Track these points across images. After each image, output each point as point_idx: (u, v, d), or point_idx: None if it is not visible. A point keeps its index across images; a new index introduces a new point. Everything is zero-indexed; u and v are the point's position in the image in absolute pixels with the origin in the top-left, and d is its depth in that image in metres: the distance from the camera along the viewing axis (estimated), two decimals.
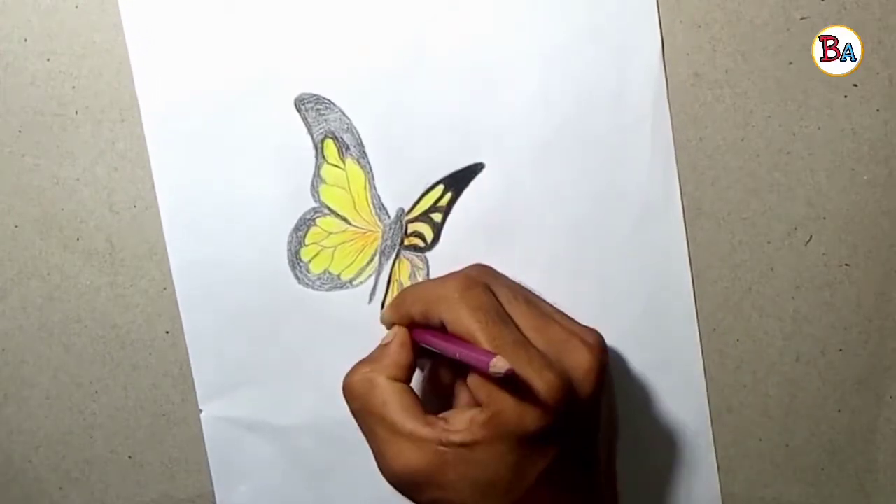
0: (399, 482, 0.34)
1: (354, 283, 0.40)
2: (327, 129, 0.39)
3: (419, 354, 0.37)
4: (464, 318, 0.33)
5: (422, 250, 0.41)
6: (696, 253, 0.42)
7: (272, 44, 0.39)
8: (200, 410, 0.41)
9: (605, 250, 0.41)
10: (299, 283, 0.40)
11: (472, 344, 0.33)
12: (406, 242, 0.40)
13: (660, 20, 0.40)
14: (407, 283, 0.40)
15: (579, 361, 0.34)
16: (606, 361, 0.35)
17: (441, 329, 0.35)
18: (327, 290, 0.40)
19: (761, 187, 0.42)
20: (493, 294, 0.35)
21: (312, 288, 0.40)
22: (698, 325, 0.42)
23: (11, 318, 0.40)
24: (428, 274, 0.41)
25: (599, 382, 0.34)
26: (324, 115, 0.39)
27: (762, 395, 0.43)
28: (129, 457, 0.41)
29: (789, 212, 0.42)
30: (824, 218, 0.42)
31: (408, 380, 0.35)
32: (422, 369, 0.40)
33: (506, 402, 0.32)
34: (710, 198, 0.41)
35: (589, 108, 0.40)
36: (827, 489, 0.44)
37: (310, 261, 0.40)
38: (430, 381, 0.39)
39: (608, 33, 0.40)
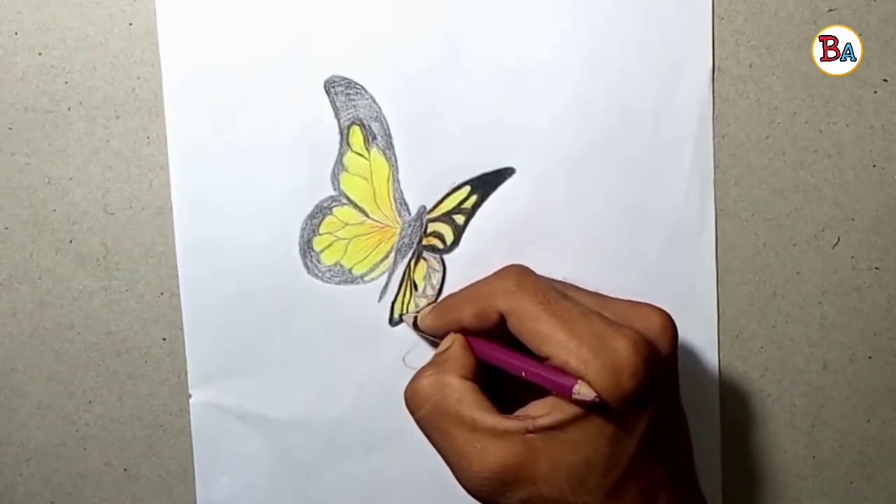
0: (487, 485, 0.31)
1: (366, 278, 0.39)
2: (355, 115, 0.38)
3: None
4: (525, 304, 0.32)
5: (440, 252, 0.39)
6: (718, 256, 0.40)
7: (308, 20, 0.38)
8: (190, 395, 0.39)
9: (629, 273, 0.39)
10: (308, 272, 0.39)
11: (550, 366, 0.31)
12: (424, 242, 0.39)
13: (713, 36, 0.39)
14: (421, 285, 0.39)
15: (652, 321, 0.32)
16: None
17: (497, 329, 0.33)
18: (337, 284, 0.39)
19: (787, 187, 0.40)
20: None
21: (322, 279, 0.39)
22: (719, 332, 0.41)
23: (1, 325, 0.39)
24: (444, 277, 0.39)
25: (676, 339, 0.33)
26: (353, 100, 0.38)
27: (788, 405, 0.42)
28: (125, 470, 0.40)
29: (816, 213, 0.40)
30: (853, 219, 0.41)
31: (476, 381, 0.34)
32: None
33: (592, 370, 0.30)
34: (734, 198, 0.40)
35: (629, 122, 0.39)
36: (856, 503, 0.42)
37: (322, 251, 0.39)
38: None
39: (658, 46, 0.39)
